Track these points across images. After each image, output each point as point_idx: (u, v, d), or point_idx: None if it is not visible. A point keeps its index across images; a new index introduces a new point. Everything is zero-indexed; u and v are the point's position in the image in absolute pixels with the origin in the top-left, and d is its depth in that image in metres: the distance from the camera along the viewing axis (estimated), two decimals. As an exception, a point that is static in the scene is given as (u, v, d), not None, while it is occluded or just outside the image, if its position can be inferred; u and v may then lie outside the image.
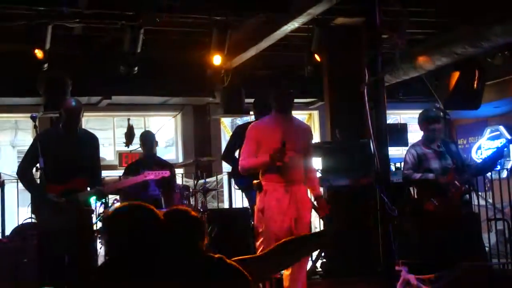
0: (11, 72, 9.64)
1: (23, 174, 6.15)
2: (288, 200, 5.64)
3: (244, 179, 7.57)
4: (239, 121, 11.87)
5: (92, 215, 6.60)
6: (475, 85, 9.99)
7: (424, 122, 6.96)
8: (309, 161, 6.01)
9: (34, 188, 6.08)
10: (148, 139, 8.07)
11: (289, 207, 5.63)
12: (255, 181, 5.91)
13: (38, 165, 5.85)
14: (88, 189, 6.22)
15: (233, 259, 3.27)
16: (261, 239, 5.69)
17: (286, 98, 5.89)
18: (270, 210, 5.62)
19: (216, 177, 10.37)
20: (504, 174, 9.44)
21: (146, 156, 8.09)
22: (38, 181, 6.01)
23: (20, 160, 6.36)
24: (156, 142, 8.12)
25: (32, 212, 6.30)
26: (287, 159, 5.59)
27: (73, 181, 6.04)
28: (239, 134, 7.73)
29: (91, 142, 6.33)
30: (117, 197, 7.37)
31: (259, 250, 5.68)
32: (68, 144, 6.08)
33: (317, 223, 8.73)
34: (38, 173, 5.85)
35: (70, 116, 6.11)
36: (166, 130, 12.35)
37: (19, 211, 8.56)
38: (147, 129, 11.69)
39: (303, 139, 5.90)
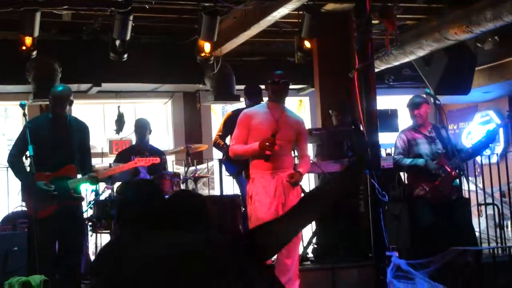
0: (-1, 59, 9.59)
1: (13, 162, 6.14)
2: (275, 186, 5.68)
3: (234, 166, 7.59)
4: (230, 107, 11.84)
5: (82, 202, 6.59)
6: (465, 71, 10.01)
7: (409, 108, 7.04)
8: (303, 152, 6.04)
9: (24, 176, 6.07)
10: (141, 126, 8.07)
11: (277, 192, 5.67)
12: (245, 170, 5.96)
13: (27, 153, 5.85)
14: (79, 176, 6.21)
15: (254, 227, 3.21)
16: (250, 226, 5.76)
17: (280, 87, 5.90)
18: (258, 196, 5.69)
19: (207, 164, 10.36)
20: (494, 159, 9.46)
21: (138, 143, 8.10)
22: (28, 168, 6.00)
23: (10, 148, 6.34)
24: (150, 130, 8.12)
25: (22, 200, 6.29)
26: (276, 147, 5.61)
27: (63, 168, 6.03)
28: (229, 121, 7.73)
29: (81, 129, 6.31)
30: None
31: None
32: (57, 131, 6.07)
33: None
34: (28, 160, 5.84)
35: (58, 102, 6.09)
36: (157, 117, 12.32)
37: (10, 199, 8.54)
38: (138, 116, 11.65)
39: (293, 130, 5.91)
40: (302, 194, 6.09)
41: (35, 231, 5.76)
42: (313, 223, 8.51)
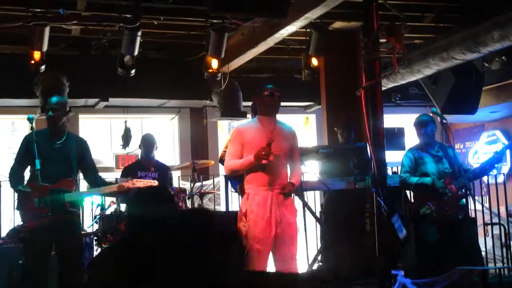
0: (8, 73, 9.64)
1: (12, 174, 6.16)
2: (270, 203, 5.59)
3: (239, 182, 7.59)
4: (236, 124, 11.88)
5: (78, 217, 6.57)
6: (472, 90, 10.02)
7: (415, 126, 7.02)
8: (295, 164, 5.94)
9: (19, 188, 6.08)
10: (147, 142, 8.08)
11: (272, 210, 5.58)
12: (239, 185, 5.89)
13: (31, 166, 5.89)
14: (86, 188, 6.23)
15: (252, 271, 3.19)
16: (244, 243, 5.68)
17: (273, 100, 5.83)
18: (253, 214, 5.58)
19: (213, 180, 10.37)
20: (501, 178, 9.44)
21: (145, 158, 8.12)
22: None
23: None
24: (156, 147, 8.15)
25: (17, 209, 6.31)
26: (272, 157, 5.55)
27: (61, 181, 5.99)
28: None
29: (78, 143, 6.29)
30: (114, 199, 7.36)
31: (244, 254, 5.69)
32: (54, 145, 6.06)
33: (308, 227, 8.72)
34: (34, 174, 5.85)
35: (53, 111, 6.11)
36: (163, 133, 12.35)
37: (15, 212, 8.55)
38: (144, 131, 11.69)
39: (288, 141, 5.83)
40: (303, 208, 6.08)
41: (28, 243, 5.84)
42: (318, 240, 8.50)
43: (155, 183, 6.99)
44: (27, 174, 6.18)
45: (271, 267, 5.71)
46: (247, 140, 5.71)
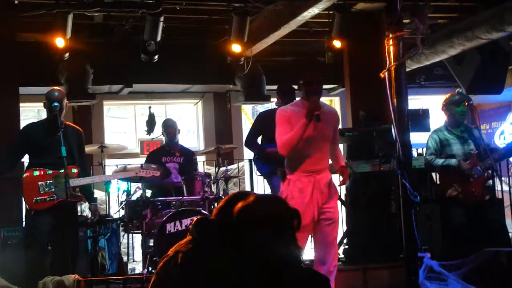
0: (32, 61, 9.68)
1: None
2: (312, 189, 5.54)
3: (265, 166, 7.58)
4: (260, 108, 11.87)
5: (79, 202, 6.73)
6: (498, 70, 9.90)
7: (451, 105, 6.87)
8: (336, 147, 5.90)
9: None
10: (168, 128, 8.13)
11: (313, 196, 5.54)
12: (280, 169, 5.87)
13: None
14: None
15: None
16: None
17: (313, 85, 5.72)
18: (293, 200, 5.52)
19: (238, 165, 10.38)
20: (528, 159, 9.34)
21: (168, 143, 8.16)
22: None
23: None
24: (178, 130, 8.17)
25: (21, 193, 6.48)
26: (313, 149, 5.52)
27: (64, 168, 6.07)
28: (261, 121, 7.72)
29: (77, 134, 6.47)
30: (139, 185, 7.40)
31: None
32: (55, 135, 6.14)
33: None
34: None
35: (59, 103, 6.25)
36: (187, 118, 12.38)
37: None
38: (168, 117, 11.74)
39: (331, 126, 5.74)
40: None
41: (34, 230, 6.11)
42: (344, 223, 8.49)
43: (157, 173, 7.07)
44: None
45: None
46: (293, 119, 5.58)
